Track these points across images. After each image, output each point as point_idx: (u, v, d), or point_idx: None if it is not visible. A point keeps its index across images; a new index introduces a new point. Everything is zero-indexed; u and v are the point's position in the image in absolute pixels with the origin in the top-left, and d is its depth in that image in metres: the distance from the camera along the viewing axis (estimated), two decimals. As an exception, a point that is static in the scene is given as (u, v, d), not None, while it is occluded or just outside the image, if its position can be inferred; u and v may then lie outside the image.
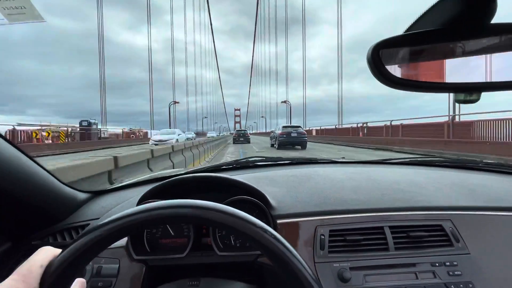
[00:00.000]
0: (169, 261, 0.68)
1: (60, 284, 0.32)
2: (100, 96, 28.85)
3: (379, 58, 0.43)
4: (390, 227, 0.72)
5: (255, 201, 0.73)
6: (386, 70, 0.44)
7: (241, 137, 23.91)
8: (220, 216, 0.36)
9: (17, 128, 15.18)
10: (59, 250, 0.35)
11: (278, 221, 0.73)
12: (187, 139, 18.77)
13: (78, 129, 21.07)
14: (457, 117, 11.73)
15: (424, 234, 0.71)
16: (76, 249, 0.33)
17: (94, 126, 22.47)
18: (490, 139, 9.82)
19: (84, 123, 21.57)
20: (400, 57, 0.46)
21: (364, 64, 0.44)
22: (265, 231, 0.36)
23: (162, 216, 0.36)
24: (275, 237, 0.36)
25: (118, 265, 0.66)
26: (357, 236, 0.70)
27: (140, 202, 0.75)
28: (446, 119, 12.11)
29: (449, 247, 0.70)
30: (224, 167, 1.14)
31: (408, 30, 0.43)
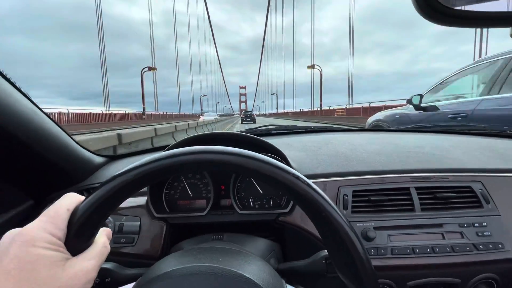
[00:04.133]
0: (189, 220, 0.68)
1: (87, 229, 0.31)
2: (102, 80, 28.52)
3: None
4: (416, 188, 0.69)
5: (279, 160, 0.71)
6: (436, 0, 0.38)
7: (247, 118, 31.24)
8: (256, 164, 0.33)
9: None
10: (83, 197, 0.33)
11: None
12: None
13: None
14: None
15: (452, 195, 0.68)
16: (101, 194, 0.31)
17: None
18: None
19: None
20: None
21: (379, 37, 0.36)
22: (298, 177, 0.33)
23: (190, 160, 0.33)
24: (308, 184, 0.33)
25: (139, 223, 0.66)
26: (382, 196, 0.68)
27: None
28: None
29: (478, 208, 0.68)
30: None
31: None
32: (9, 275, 0.25)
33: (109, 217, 0.65)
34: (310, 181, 0.34)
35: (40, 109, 0.63)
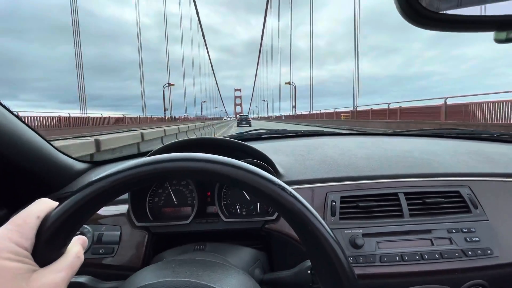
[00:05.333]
0: (172, 228, 0.66)
1: (58, 238, 0.28)
2: (78, 78, 27.97)
3: None
4: (405, 193, 0.68)
5: (265, 166, 0.69)
6: (419, 3, 0.37)
7: (243, 121, 31.63)
8: (234, 171, 0.31)
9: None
10: (56, 203, 0.31)
11: None
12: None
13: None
14: (455, 99, 11.41)
15: (441, 200, 0.67)
16: (76, 201, 0.29)
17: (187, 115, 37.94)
18: (489, 121, 9.72)
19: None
20: None
21: (374, 40, 0.35)
22: (283, 189, 0.32)
23: (172, 169, 0.31)
24: (293, 196, 0.32)
25: (119, 232, 0.63)
26: (370, 202, 0.66)
27: None
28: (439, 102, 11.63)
29: (466, 213, 0.67)
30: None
31: None
32: None
33: (87, 226, 0.62)
34: (296, 193, 0.32)
35: (14, 114, 0.60)
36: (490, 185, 0.73)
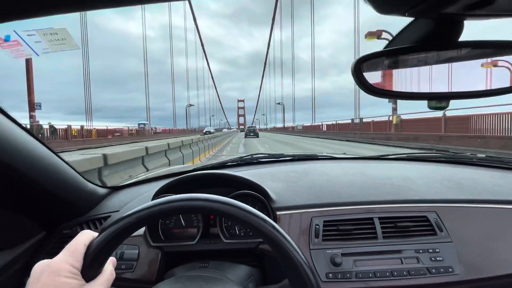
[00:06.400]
0: (181, 248, 0.78)
1: (98, 260, 0.41)
2: (85, 91, 28.73)
3: (361, 70, 0.50)
4: (379, 218, 0.79)
5: (257, 195, 0.82)
6: (366, 80, 0.51)
7: (251, 132, 32.95)
8: (227, 208, 0.43)
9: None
10: (96, 233, 0.43)
11: (278, 213, 0.82)
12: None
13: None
14: (455, 111, 11.58)
15: (410, 224, 0.78)
16: (111, 232, 0.42)
17: (147, 126, 35.29)
18: (488, 133, 9.80)
19: (141, 125, 34.45)
20: (380, 70, 0.53)
21: (376, 50, 0.51)
22: (265, 221, 0.43)
23: (178, 207, 0.44)
24: (273, 226, 0.43)
25: (137, 251, 0.75)
26: (349, 226, 0.78)
27: (155, 195, 0.84)
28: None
29: (433, 236, 0.78)
30: (229, 163, 1.22)
31: (386, 47, 0.50)
32: None
33: None
34: (275, 224, 0.44)
35: (47, 147, 0.72)
36: (455, 210, 0.83)
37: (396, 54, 0.50)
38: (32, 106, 17.45)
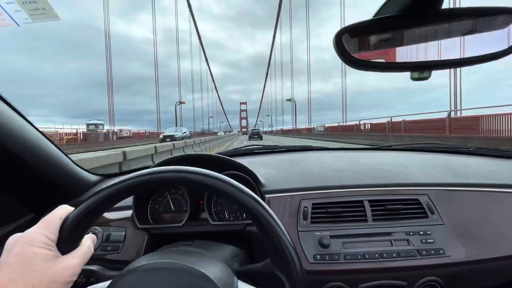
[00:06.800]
0: (168, 230, 0.77)
1: (74, 234, 0.41)
2: (108, 94, 29.02)
3: (342, 42, 0.50)
4: (369, 201, 0.78)
5: (246, 177, 0.81)
6: (348, 52, 0.50)
7: (255, 135, 33.16)
8: (214, 182, 0.42)
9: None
10: (73, 208, 0.43)
11: (266, 196, 0.81)
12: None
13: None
14: (459, 112, 11.43)
15: (401, 207, 0.77)
16: (87, 205, 0.41)
17: (100, 127, 24.86)
18: (495, 134, 9.67)
19: (91, 127, 23.36)
20: (363, 41, 0.52)
21: None
22: (251, 197, 0.43)
23: (163, 178, 0.42)
24: (258, 202, 0.43)
25: (124, 233, 0.75)
26: (338, 208, 0.77)
27: None
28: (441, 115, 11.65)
29: (424, 218, 0.76)
30: (223, 154, 1.22)
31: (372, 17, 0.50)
32: (11, 268, 0.35)
33: (98, 228, 0.75)
34: (261, 200, 0.43)
35: (41, 133, 0.73)
36: (448, 194, 0.82)
37: (378, 24, 0.50)
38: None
